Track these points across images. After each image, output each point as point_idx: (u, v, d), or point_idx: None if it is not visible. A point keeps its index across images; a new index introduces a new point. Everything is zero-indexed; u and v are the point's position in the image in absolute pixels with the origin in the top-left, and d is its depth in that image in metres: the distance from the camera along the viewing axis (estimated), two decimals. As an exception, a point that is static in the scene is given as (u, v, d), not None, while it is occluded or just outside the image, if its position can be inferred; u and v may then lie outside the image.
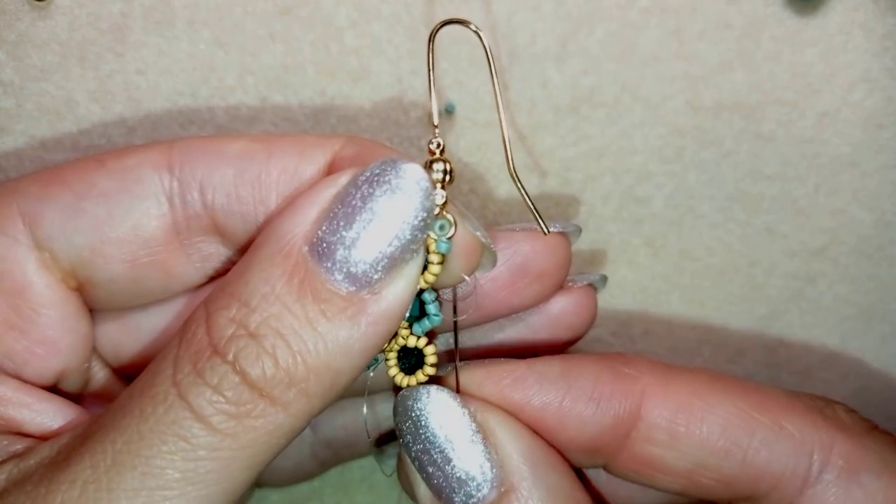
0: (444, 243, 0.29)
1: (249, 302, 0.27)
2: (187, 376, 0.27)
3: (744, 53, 0.40)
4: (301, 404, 0.27)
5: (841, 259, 0.43)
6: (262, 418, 0.27)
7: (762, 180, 0.42)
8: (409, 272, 0.28)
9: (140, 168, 0.31)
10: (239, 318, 0.27)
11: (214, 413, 0.26)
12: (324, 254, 0.27)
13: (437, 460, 0.30)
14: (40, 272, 0.31)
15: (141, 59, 0.38)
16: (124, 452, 0.26)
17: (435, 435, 0.30)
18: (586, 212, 0.42)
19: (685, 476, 0.31)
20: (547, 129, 0.41)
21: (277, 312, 0.27)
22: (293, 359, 0.27)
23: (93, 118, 0.39)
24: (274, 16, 0.38)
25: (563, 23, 0.39)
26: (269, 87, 0.39)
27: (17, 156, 0.39)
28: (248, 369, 0.26)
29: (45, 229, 0.31)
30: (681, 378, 0.32)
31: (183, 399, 0.26)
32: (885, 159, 0.42)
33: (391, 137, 0.40)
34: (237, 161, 0.31)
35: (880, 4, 0.39)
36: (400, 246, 0.27)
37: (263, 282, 0.27)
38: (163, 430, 0.26)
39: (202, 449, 0.26)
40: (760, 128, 0.41)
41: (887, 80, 0.40)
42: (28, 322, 0.31)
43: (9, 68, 0.38)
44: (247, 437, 0.27)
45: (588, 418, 0.31)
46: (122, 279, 0.31)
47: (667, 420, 0.31)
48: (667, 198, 0.42)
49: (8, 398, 0.30)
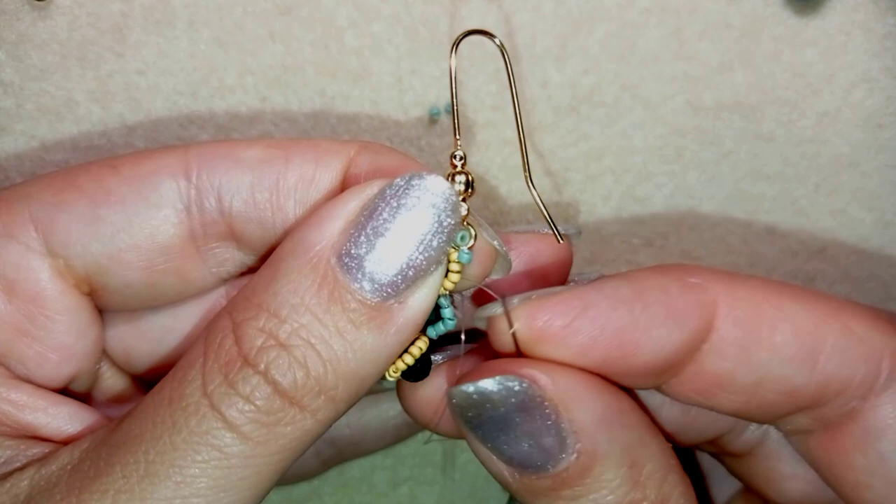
0: (465, 254, 0.30)
1: (279, 312, 0.27)
2: (219, 387, 0.27)
3: (744, 53, 0.40)
4: (329, 410, 0.28)
5: (841, 259, 0.43)
6: (291, 425, 0.27)
7: (762, 180, 0.42)
8: (433, 281, 0.29)
9: (157, 175, 0.31)
10: (269, 329, 0.27)
11: (246, 422, 0.27)
12: (352, 265, 0.28)
13: (506, 439, 0.29)
14: (53, 279, 0.31)
15: (141, 59, 0.38)
16: (157, 463, 0.27)
17: (502, 413, 0.29)
18: (586, 212, 0.42)
19: (749, 392, 0.30)
20: (547, 129, 0.41)
21: (308, 323, 0.27)
22: (323, 367, 0.27)
23: (93, 118, 0.39)
24: (274, 16, 0.38)
25: (563, 23, 0.39)
26: (269, 87, 0.39)
27: (17, 156, 0.39)
28: (280, 378, 0.27)
29: (60, 236, 0.30)
30: (749, 285, 0.30)
31: (215, 410, 0.27)
32: (885, 159, 0.42)
33: (391, 137, 0.40)
34: (254, 167, 0.31)
35: (880, 4, 0.39)
36: (427, 258, 0.28)
37: (292, 293, 0.28)
38: (196, 440, 0.27)
39: (235, 457, 0.27)
40: (760, 128, 0.41)
41: (887, 80, 0.40)
42: (41, 329, 0.31)
43: (9, 68, 0.38)
44: (277, 443, 0.27)
45: (664, 338, 0.29)
46: (137, 285, 0.31)
47: (740, 331, 0.29)
48: (667, 198, 0.42)
49: (22, 403, 0.30)
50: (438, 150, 0.41)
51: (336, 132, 0.40)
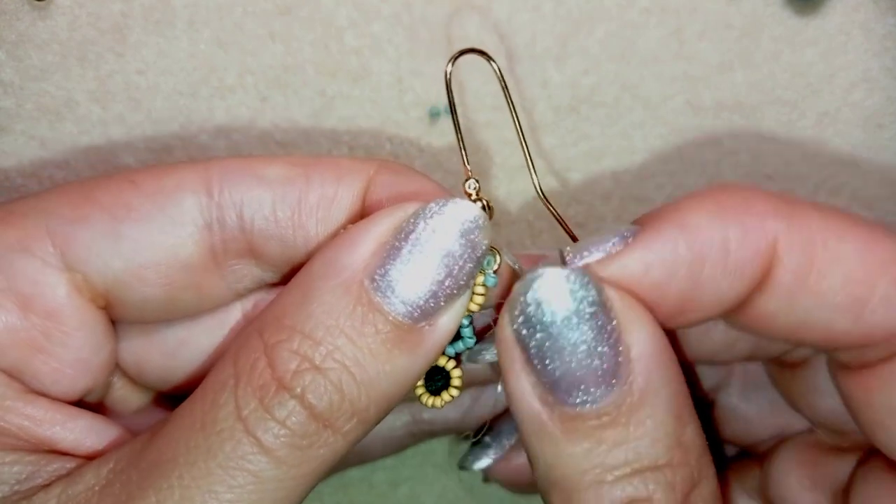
0: (491, 277, 0.30)
1: (314, 335, 0.28)
2: (254, 412, 0.27)
3: (744, 53, 0.40)
4: (359, 431, 0.28)
5: (841, 259, 0.43)
6: (325, 448, 0.28)
7: (762, 180, 0.42)
8: (460, 304, 0.29)
9: (179, 191, 0.31)
10: (303, 352, 0.27)
11: (282, 447, 0.27)
12: (384, 287, 0.28)
13: (560, 353, 0.28)
14: (71, 294, 0.30)
15: (141, 59, 0.38)
16: (192, 488, 0.27)
17: (563, 322, 0.27)
18: (586, 212, 0.42)
19: (793, 330, 0.29)
20: (547, 129, 0.41)
21: (342, 345, 0.28)
22: (357, 390, 0.28)
23: (93, 118, 0.39)
24: (274, 16, 0.38)
25: (563, 23, 0.39)
26: (269, 87, 0.39)
27: (17, 156, 0.39)
28: (316, 402, 0.27)
29: (80, 252, 0.30)
30: (808, 220, 0.29)
31: (250, 435, 0.27)
32: (885, 159, 0.42)
33: (391, 138, 0.40)
34: (276, 185, 0.31)
35: (880, 4, 0.39)
36: (457, 282, 0.28)
37: (326, 314, 0.28)
38: (231, 465, 0.27)
39: (269, 482, 0.27)
40: (760, 128, 0.41)
41: (887, 80, 0.40)
42: (57, 345, 0.30)
43: (9, 68, 0.38)
44: (310, 466, 0.28)
45: (725, 292, 0.28)
46: (155, 300, 0.31)
47: (792, 276, 0.28)
48: (667, 198, 0.42)
49: (40, 418, 0.30)
50: (438, 150, 0.41)
51: (336, 132, 0.40)
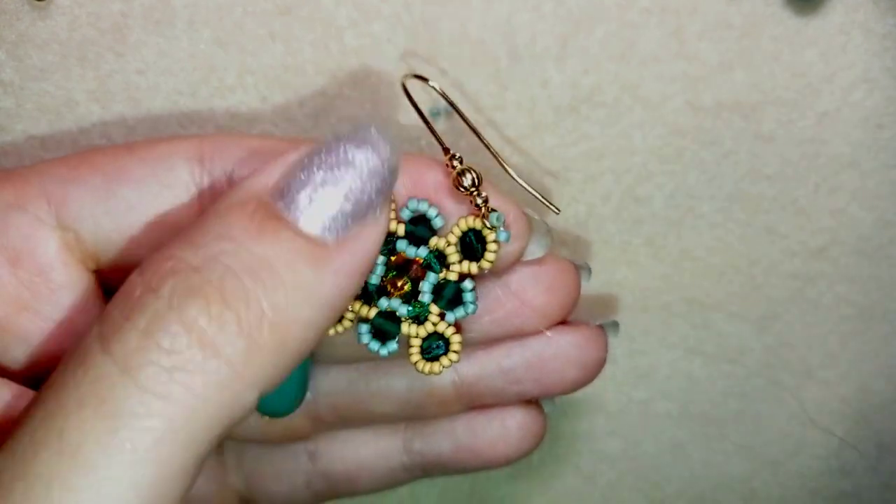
0: (503, 233, 0.30)
1: (196, 241, 0.23)
2: (112, 329, 0.22)
3: (744, 53, 0.40)
4: (255, 366, 0.23)
5: (841, 259, 0.43)
6: (202, 375, 0.22)
7: (762, 180, 0.42)
8: (373, 230, 0.26)
9: (172, 158, 0.31)
10: (180, 255, 0.23)
11: (143, 363, 0.21)
12: (288, 199, 0.25)
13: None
14: (61, 252, 0.31)
15: (141, 59, 0.38)
16: (42, 430, 0.21)
17: None
18: (586, 212, 0.42)
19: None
20: (547, 129, 0.41)
21: (231, 250, 0.23)
22: (246, 300, 0.22)
23: (93, 118, 0.39)
24: (274, 16, 0.38)
25: (563, 23, 0.39)
26: (269, 87, 0.39)
27: (17, 156, 0.39)
28: (187, 308, 0.22)
29: (73, 210, 0.31)
30: None
31: (107, 353, 0.22)
32: (885, 159, 0.42)
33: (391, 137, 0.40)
34: (265, 157, 0.30)
35: (880, 4, 0.39)
36: (367, 199, 0.26)
37: (218, 223, 0.24)
38: (82, 392, 0.21)
39: (127, 415, 0.21)
40: (760, 128, 0.41)
41: (887, 80, 0.40)
42: (44, 303, 0.31)
43: (9, 68, 0.38)
44: (187, 397, 0.21)
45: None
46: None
47: None
48: (667, 198, 0.42)
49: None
50: (438, 150, 0.41)
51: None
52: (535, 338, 0.34)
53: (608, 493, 0.49)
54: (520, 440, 0.37)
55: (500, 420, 0.36)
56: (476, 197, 0.31)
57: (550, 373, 0.35)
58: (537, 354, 0.35)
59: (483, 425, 0.37)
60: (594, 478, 0.49)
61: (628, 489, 0.49)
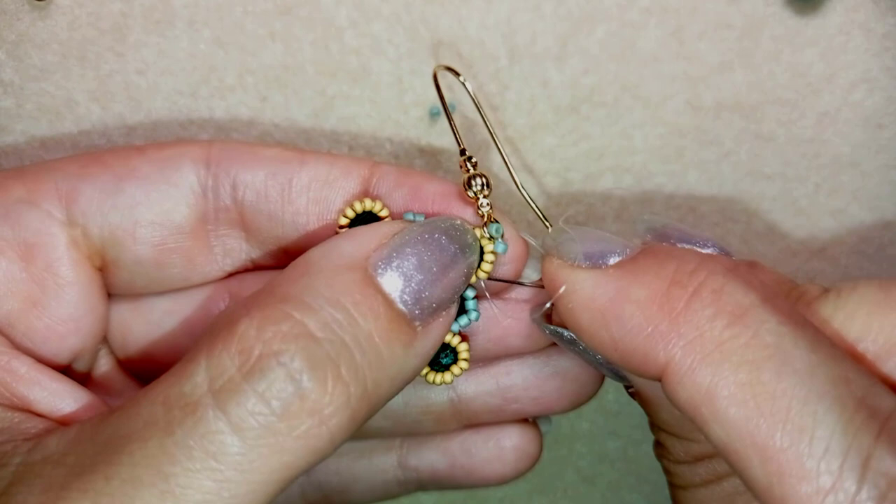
0: (501, 244, 0.31)
1: (312, 303, 0.25)
2: (228, 382, 0.24)
3: (744, 53, 0.40)
4: (344, 430, 0.25)
5: (841, 259, 0.43)
6: (304, 439, 0.24)
7: (762, 180, 0.42)
8: (451, 313, 0.29)
9: (179, 159, 0.32)
10: (298, 316, 0.25)
11: (255, 428, 0.23)
12: (389, 274, 0.27)
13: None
14: (69, 248, 0.31)
15: (141, 59, 0.38)
16: (142, 467, 0.23)
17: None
18: (586, 212, 0.42)
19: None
20: (547, 129, 0.41)
21: (342, 320, 0.25)
22: (355, 371, 0.25)
23: (93, 118, 0.39)
24: (274, 16, 0.38)
25: (563, 23, 0.39)
26: (269, 87, 0.39)
27: (17, 156, 0.39)
28: (307, 381, 0.24)
29: (82, 205, 0.31)
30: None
31: (219, 409, 0.24)
32: (885, 159, 0.42)
33: (391, 137, 0.40)
34: (270, 163, 0.32)
35: (880, 4, 0.39)
36: (453, 292, 0.29)
37: (327, 287, 0.26)
38: (190, 444, 0.23)
39: (233, 470, 0.23)
40: (760, 128, 0.41)
41: (887, 80, 0.40)
42: (52, 298, 0.31)
43: (9, 68, 0.38)
44: (282, 460, 0.24)
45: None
46: (147, 262, 0.32)
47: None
48: (667, 198, 0.42)
49: (21, 375, 0.30)
50: (438, 150, 0.41)
51: (336, 132, 0.40)
52: (534, 356, 0.35)
53: (608, 494, 0.49)
54: (515, 461, 0.37)
55: (495, 439, 0.37)
56: (481, 206, 0.31)
57: (549, 391, 0.35)
58: (536, 373, 0.35)
59: (479, 444, 0.37)
60: (594, 478, 0.49)
61: (628, 489, 0.49)
